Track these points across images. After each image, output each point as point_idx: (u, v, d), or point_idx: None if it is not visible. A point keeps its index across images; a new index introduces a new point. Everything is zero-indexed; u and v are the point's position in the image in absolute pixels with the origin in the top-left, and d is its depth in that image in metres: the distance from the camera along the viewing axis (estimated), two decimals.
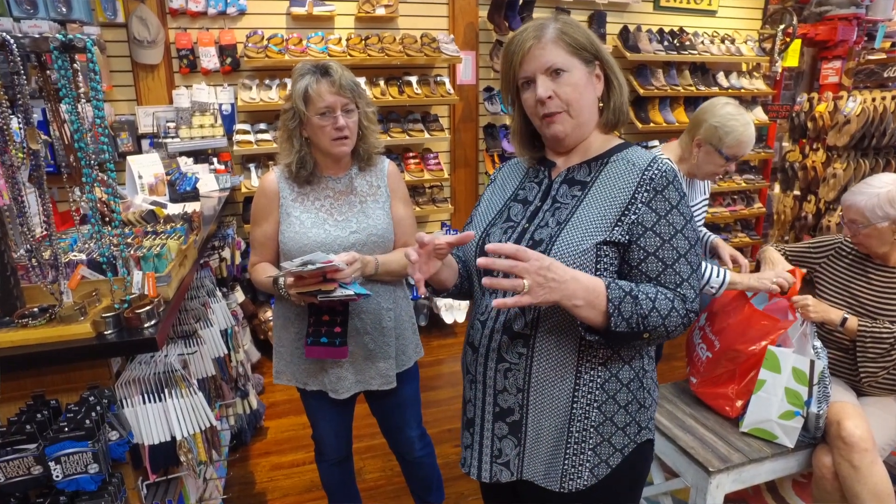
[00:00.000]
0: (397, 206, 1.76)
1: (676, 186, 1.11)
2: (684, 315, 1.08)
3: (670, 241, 1.08)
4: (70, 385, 1.30)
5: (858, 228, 1.92)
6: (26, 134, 1.23)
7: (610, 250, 1.09)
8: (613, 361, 1.14)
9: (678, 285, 1.09)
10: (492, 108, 4.18)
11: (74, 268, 1.39)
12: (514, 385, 1.16)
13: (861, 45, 4.60)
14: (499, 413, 1.19)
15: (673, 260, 1.08)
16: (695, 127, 2.03)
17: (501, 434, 1.19)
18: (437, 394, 3.31)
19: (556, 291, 0.99)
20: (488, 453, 1.21)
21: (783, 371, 1.80)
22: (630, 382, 1.16)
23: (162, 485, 1.57)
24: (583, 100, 1.13)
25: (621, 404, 1.15)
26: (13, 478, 1.15)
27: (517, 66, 1.14)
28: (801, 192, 4.52)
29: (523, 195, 1.24)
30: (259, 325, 3.67)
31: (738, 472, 1.78)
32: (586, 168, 1.18)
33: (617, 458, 1.16)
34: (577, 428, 1.14)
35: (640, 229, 1.08)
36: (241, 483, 2.59)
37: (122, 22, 3.29)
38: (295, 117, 1.61)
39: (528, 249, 0.99)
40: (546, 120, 1.15)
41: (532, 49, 1.11)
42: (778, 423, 1.82)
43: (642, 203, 1.09)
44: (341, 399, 1.75)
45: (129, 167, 2.73)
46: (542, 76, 1.12)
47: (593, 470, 1.15)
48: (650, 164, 1.11)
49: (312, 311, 1.63)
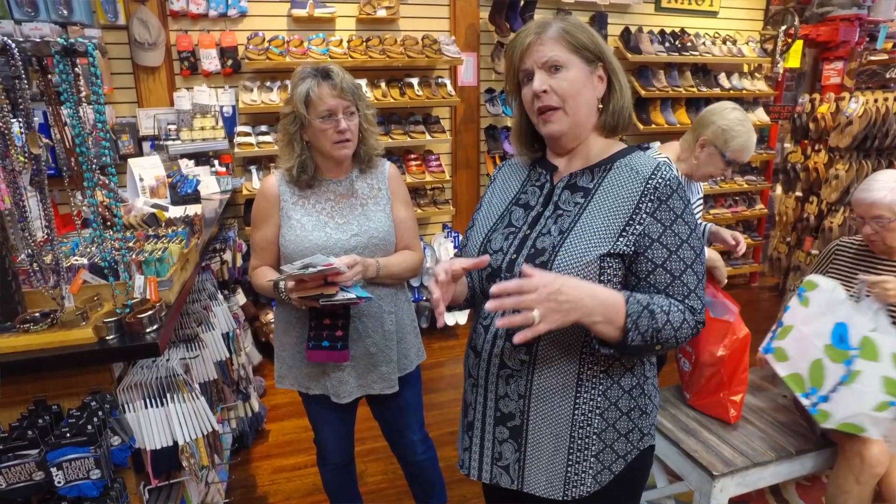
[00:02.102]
0: (398, 208, 1.76)
1: (681, 195, 1.10)
2: (694, 326, 1.08)
3: (677, 252, 1.08)
4: (72, 390, 1.30)
5: (885, 223, 1.92)
6: (27, 138, 1.23)
7: (614, 262, 1.08)
8: (615, 369, 1.14)
9: (686, 296, 1.08)
10: (493, 109, 4.17)
11: (76, 272, 1.38)
12: (515, 391, 1.15)
13: (863, 45, 4.59)
14: (500, 418, 1.18)
15: (680, 271, 1.08)
16: (701, 127, 2.04)
17: (502, 438, 1.19)
18: (438, 396, 3.30)
19: (571, 313, 0.97)
20: (489, 455, 1.21)
21: (882, 358, 1.66)
22: (632, 389, 1.16)
23: (164, 489, 1.56)
24: (580, 97, 1.12)
25: (623, 411, 1.15)
26: (15, 483, 1.15)
27: (518, 61, 1.15)
28: (803, 194, 4.52)
29: (525, 199, 1.24)
30: (260, 328, 3.66)
31: (743, 475, 1.77)
32: (589, 174, 1.17)
33: (620, 464, 1.16)
34: (579, 435, 1.13)
35: (646, 241, 1.07)
36: (243, 486, 2.58)
37: (122, 24, 3.28)
38: (296, 121, 1.60)
39: (531, 279, 0.96)
40: (542, 117, 1.14)
41: (532, 44, 1.12)
42: (870, 416, 1.67)
43: (647, 213, 1.08)
44: (343, 403, 1.74)
45: (131, 169, 2.73)
46: (540, 70, 1.12)
47: (596, 476, 1.14)
48: (654, 173, 1.10)
49: (313, 314, 1.62)
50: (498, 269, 1.16)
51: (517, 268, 1.13)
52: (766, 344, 1.97)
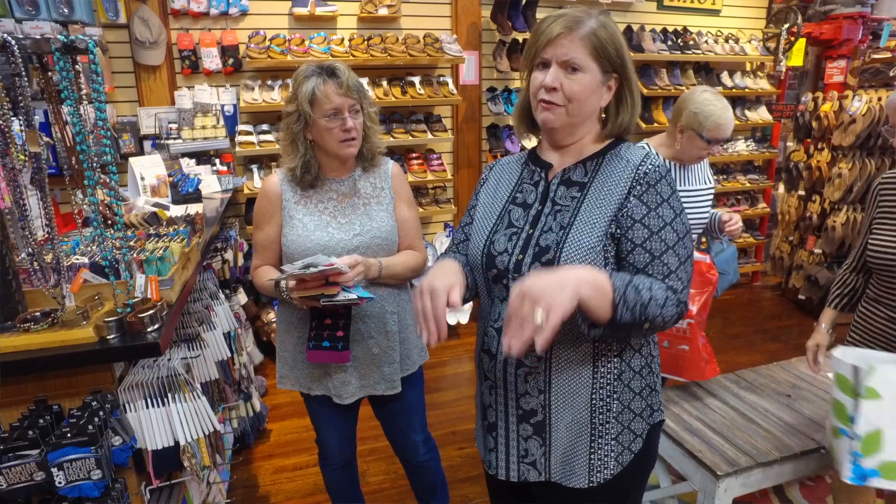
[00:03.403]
0: (401, 207, 1.75)
1: (668, 181, 1.13)
2: (677, 304, 1.09)
3: (658, 234, 1.10)
4: (72, 390, 1.29)
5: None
6: (27, 136, 1.22)
7: (609, 245, 1.11)
8: (626, 351, 1.18)
9: (666, 276, 1.10)
10: (495, 108, 4.16)
11: (77, 271, 1.38)
12: (535, 388, 1.18)
13: (866, 43, 4.57)
14: (522, 415, 1.21)
15: (661, 252, 1.10)
16: (677, 115, 2.11)
17: (526, 435, 1.21)
18: (441, 396, 3.30)
19: (564, 291, 0.95)
20: (515, 454, 1.23)
21: None
22: (642, 369, 1.20)
23: (165, 490, 1.56)
24: (585, 103, 1.14)
25: (636, 391, 1.19)
26: (15, 484, 1.14)
27: (541, 47, 1.13)
28: (806, 192, 4.51)
29: (521, 198, 1.25)
30: (262, 327, 3.66)
31: (747, 475, 1.76)
32: (582, 168, 1.19)
33: (638, 443, 1.20)
34: (599, 420, 1.17)
35: (629, 221, 1.10)
36: (244, 486, 2.57)
37: (123, 23, 3.28)
38: (300, 120, 1.58)
39: (512, 297, 0.96)
40: (541, 105, 1.15)
41: (560, 37, 1.10)
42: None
43: (634, 197, 1.11)
44: (345, 404, 1.74)
45: (132, 168, 2.72)
46: (557, 66, 1.12)
47: (618, 458, 1.18)
48: (643, 161, 1.14)
49: (314, 314, 1.61)
50: (505, 271, 1.17)
51: (524, 268, 1.14)
52: (854, 468, 1.54)
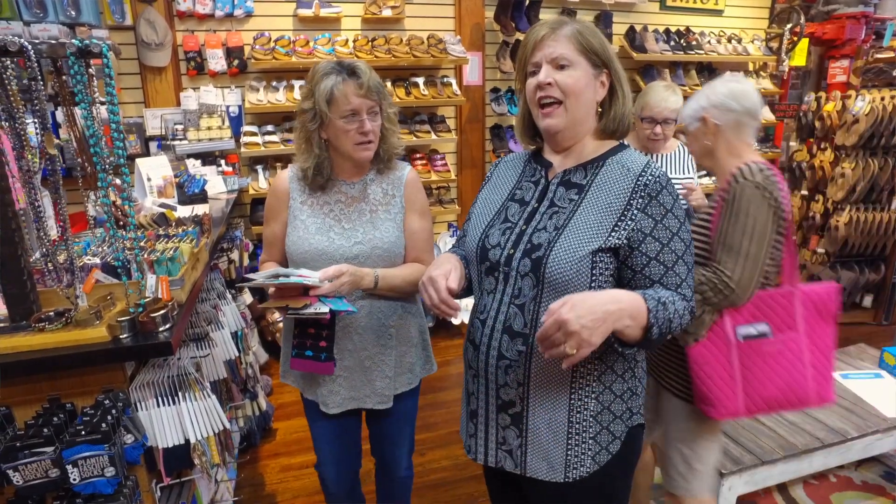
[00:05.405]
0: (412, 218, 1.65)
1: (670, 191, 1.14)
2: (690, 312, 1.15)
3: (668, 245, 1.13)
4: (85, 388, 1.31)
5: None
6: (44, 138, 1.24)
7: (605, 256, 1.12)
8: (608, 355, 1.18)
9: (678, 286, 1.14)
10: (498, 108, 4.18)
11: (89, 271, 1.39)
12: (514, 380, 1.20)
13: (869, 43, 4.57)
14: (501, 405, 1.23)
15: (672, 262, 1.13)
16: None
17: (504, 424, 1.24)
18: (443, 395, 3.31)
19: (599, 330, 1.00)
20: (493, 440, 1.26)
21: None
22: (624, 373, 1.21)
23: (175, 487, 1.57)
24: (581, 96, 1.17)
25: (617, 394, 1.20)
26: (31, 480, 1.16)
27: (529, 53, 1.20)
28: (809, 192, 4.51)
29: (520, 195, 1.27)
30: (267, 327, 3.68)
31: (751, 473, 1.78)
32: (582, 171, 1.21)
33: (616, 444, 1.21)
34: (577, 419, 1.18)
35: (639, 235, 1.12)
36: (251, 485, 2.59)
37: (129, 25, 3.30)
38: (315, 118, 1.51)
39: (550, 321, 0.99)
40: (542, 112, 1.19)
41: (545, 39, 1.17)
42: None
43: (638, 209, 1.12)
44: (333, 414, 1.67)
45: (138, 169, 2.74)
46: (548, 65, 1.16)
47: (595, 458, 1.19)
48: (644, 170, 1.15)
49: (298, 322, 1.54)
50: (496, 264, 1.21)
51: (514, 262, 1.17)
52: None
